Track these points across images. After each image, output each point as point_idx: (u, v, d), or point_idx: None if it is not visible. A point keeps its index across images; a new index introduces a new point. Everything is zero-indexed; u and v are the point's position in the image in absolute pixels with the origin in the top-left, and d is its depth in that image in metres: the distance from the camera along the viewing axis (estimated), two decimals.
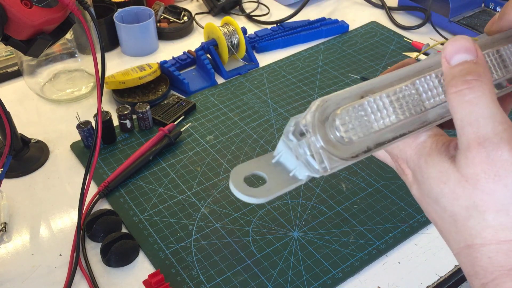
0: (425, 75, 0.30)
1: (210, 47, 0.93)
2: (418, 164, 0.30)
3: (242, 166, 0.30)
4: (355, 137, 0.28)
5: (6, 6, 0.53)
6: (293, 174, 0.30)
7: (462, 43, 0.28)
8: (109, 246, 0.61)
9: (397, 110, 0.29)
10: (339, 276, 0.60)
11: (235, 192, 0.29)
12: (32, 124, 0.83)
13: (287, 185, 0.30)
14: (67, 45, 0.89)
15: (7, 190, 0.70)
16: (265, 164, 0.30)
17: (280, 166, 0.30)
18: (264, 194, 0.29)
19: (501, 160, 0.26)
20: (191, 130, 0.81)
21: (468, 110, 0.27)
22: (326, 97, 0.28)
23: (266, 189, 0.29)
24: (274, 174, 0.30)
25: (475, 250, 0.28)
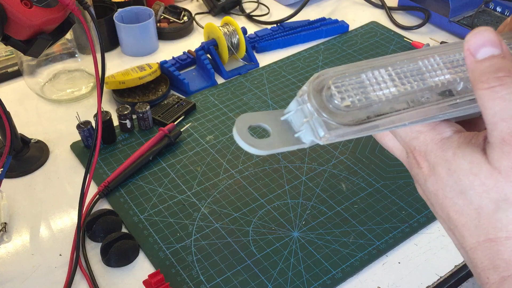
0: (428, 56, 0.30)
1: (210, 47, 0.93)
2: (444, 157, 0.29)
3: (249, 115, 0.30)
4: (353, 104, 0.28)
5: (6, 6, 0.53)
6: (298, 135, 0.30)
7: (487, 35, 0.28)
8: (109, 246, 0.61)
9: (398, 83, 0.29)
10: (339, 276, 0.60)
11: (236, 138, 0.29)
12: (32, 124, 0.83)
13: (289, 144, 0.29)
14: (67, 45, 0.89)
15: (7, 190, 0.70)
16: (273, 119, 0.30)
17: (287, 125, 0.30)
18: (266, 147, 0.29)
19: None
20: (191, 130, 0.81)
21: (501, 106, 0.27)
22: (324, 70, 0.29)
23: (268, 142, 0.29)
24: (279, 131, 0.30)
25: (498, 243, 0.27)
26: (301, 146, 0.29)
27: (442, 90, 0.30)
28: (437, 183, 0.30)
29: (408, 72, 0.30)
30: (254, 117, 0.30)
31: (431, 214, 0.67)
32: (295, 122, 0.30)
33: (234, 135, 0.29)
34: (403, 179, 0.72)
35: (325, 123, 0.28)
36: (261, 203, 0.69)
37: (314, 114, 0.28)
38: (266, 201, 0.69)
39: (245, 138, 0.29)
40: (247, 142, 0.29)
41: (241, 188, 0.71)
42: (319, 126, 0.28)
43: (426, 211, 0.67)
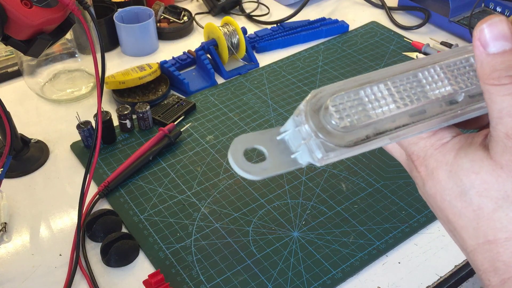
0: (428, 67, 0.30)
1: (210, 47, 0.93)
2: (444, 160, 0.29)
3: (245, 137, 0.29)
4: (351, 124, 0.28)
5: (6, 6, 0.53)
6: (295, 157, 0.29)
7: (501, 27, 0.27)
8: (109, 246, 0.61)
9: (397, 99, 0.29)
10: (339, 276, 0.60)
11: (231, 163, 0.29)
12: (32, 124, 0.83)
13: (285, 167, 0.29)
14: (67, 45, 0.89)
15: (7, 190, 0.70)
16: (269, 139, 0.29)
17: (283, 145, 0.29)
18: (260, 173, 0.28)
19: None
20: (191, 130, 0.81)
21: (509, 102, 0.26)
22: (322, 88, 0.28)
23: (263, 167, 0.29)
24: (275, 152, 0.29)
25: (497, 244, 0.27)
26: (297, 167, 0.29)
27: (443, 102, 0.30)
28: (435, 187, 0.30)
29: (408, 85, 0.29)
30: (249, 139, 0.29)
31: (431, 214, 0.67)
32: (291, 142, 0.29)
33: (229, 160, 0.29)
34: (403, 179, 0.72)
35: (323, 144, 0.27)
36: (261, 203, 0.69)
37: (312, 136, 0.27)
38: (266, 201, 0.69)
39: (239, 164, 0.28)
40: (242, 168, 0.28)
41: (241, 188, 0.71)
42: (316, 148, 0.27)
43: (426, 211, 0.67)
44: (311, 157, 0.28)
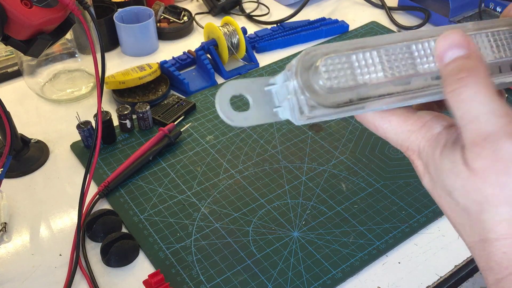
0: (423, 40, 0.30)
1: (210, 47, 0.93)
2: (433, 156, 0.29)
3: (235, 83, 0.30)
4: (337, 86, 0.28)
5: (6, 6, 0.53)
6: (276, 110, 0.30)
7: (453, 37, 0.28)
8: (109, 246, 0.61)
9: (386, 68, 0.29)
10: (339, 276, 0.60)
11: (217, 108, 0.30)
12: (32, 124, 0.83)
13: (266, 119, 0.30)
14: (67, 45, 0.89)
15: (7, 190, 0.70)
16: (257, 88, 0.30)
17: (269, 96, 0.30)
18: (241, 121, 0.30)
19: (508, 153, 0.25)
20: (191, 130, 0.81)
21: (466, 108, 0.26)
22: (317, 46, 0.29)
23: (245, 116, 0.30)
24: (259, 103, 0.30)
25: (489, 244, 0.27)
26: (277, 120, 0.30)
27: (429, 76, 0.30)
28: (431, 182, 0.30)
29: (399, 56, 0.29)
30: (238, 85, 0.30)
31: (431, 214, 0.67)
32: (277, 96, 0.30)
33: (216, 104, 0.30)
34: (403, 179, 0.72)
35: (307, 102, 0.28)
36: (261, 203, 0.69)
37: (297, 92, 0.28)
38: (266, 201, 0.69)
39: (224, 110, 0.29)
40: (225, 114, 0.29)
41: (241, 188, 0.71)
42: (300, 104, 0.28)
43: (426, 211, 0.67)
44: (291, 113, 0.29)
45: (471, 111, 0.26)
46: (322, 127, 0.82)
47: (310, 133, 0.80)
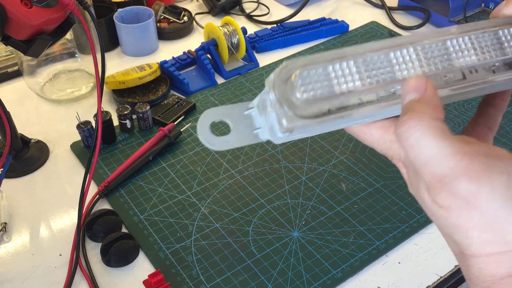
0: (402, 47, 0.30)
1: (210, 47, 0.93)
2: (407, 168, 0.30)
3: (214, 110, 0.31)
4: (314, 97, 0.28)
5: (6, 6, 0.53)
6: (257, 132, 0.31)
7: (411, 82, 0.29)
8: (109, 246, 0.61)
9: (364, 76, 0.29)
10: (339, 276, 0.60)
11: (198, 134, 0.31)
12: (32, 124, 0.83)
13: (247, 141, 0.31)
14: (67, 45, 0.89)
15: (7, 190, 0.70)
16: (237, 113, 0.31)
17: (249, 120, 0.31)
18: (222, 145, 0.31)
19: (465, 191, 0.26)
20: (191, 130, 0.81)
21: (414, 154, 0.27)
22: (294, 59, 0.29)
23: (225, 140, 0.31)
24: (239, 126, 0.31)
25: (467, 258, 0.28)
26: (258, 141, 0.31)
27: None
28: (413, 189, 0.30)
29: (377, 65, 0.30)
30: (218, 112, 0.31)
31: None
32: (256, 118, 0.31)
33: (197, 131, 0.31)
34: (403, 179, 0.71)
35: (286, 114, 0.28)
36: (261, 203, 0.69)
37: (276, 105, 0.28)
38: (266, 201, 0.69)
39: (204, 135, 0.30)
40: (206, 139, 0.30)
41: (241, 188, 0.71)
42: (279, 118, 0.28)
43: None
44: (270, 132, 0.29)
45: (420, 155, 0.27)
46: None
47: None
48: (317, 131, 0.29)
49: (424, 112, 0.27)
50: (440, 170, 0.26)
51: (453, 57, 0.31)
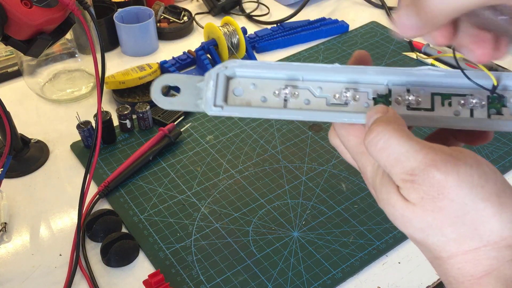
0: None
1: (210, 47, 0.93)
2: (375, 182, 0.31)
3: (172, 75, 0.35)
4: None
5: (6, 6, 0.53)
6: (199, 102, 0.34)
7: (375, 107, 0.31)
8: (109, 246, 0.61)
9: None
10: (339, 276, 0.60)
11: (151, 91, 0.35)
12: (32, 124, 0.83)
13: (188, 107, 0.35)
14: (67, 45, 0.89)
15: (7, 190, 0.70)
16: (190, 83, 0.35)
17: (197, 91, 0.35)
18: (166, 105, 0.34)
19: (436, 181, 0.27)
20: (191, 130, 0.81)
21: (384, 155, 0.29)
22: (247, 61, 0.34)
23: (170, 101, 0.35)
24: (187, 93, 0.35)
25: (444, 262, 0.28)
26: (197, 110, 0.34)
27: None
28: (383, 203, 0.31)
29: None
30: (174, 77, 0.35)
31: None
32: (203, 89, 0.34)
33: (150, 88, 0.35)
34: None
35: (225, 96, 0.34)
36: (261, 203, 0.69)
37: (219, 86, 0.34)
38: (266, 201, 0.69)
39: (154, 93, 0.34)
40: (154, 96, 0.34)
41: (241, 188, 0.71)
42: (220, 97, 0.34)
43: None
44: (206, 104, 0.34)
45: (390, 155, 0.28)
46: (322, 127, 0.82)
47: (310, 133, 0.80)
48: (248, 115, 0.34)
49: (389, 120, 0.29)
50: (409, 164, 0.27)
51: None
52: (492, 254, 0.27)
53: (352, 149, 0.33)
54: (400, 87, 0.33)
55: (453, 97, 0.33)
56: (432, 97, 0.33)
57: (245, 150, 0.77)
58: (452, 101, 0.33)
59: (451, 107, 0.33)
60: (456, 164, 0.27)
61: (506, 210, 0.27)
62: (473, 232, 0.27)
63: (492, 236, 0.27)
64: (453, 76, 0.33)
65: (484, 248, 0.27)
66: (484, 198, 0.27)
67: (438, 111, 0.33)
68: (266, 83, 0.34)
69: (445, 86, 0.33)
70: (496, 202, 0.27)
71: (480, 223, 0.27)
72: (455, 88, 0.33)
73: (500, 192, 0.27)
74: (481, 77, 0.33)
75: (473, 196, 0.27)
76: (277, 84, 0.34)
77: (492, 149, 0.77)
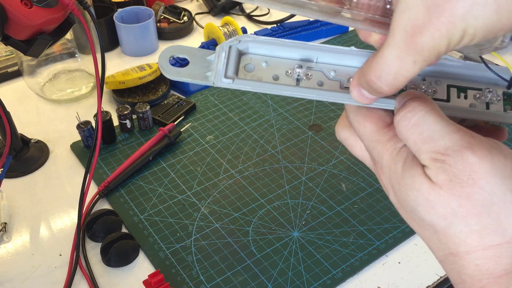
0: None
1: (210, 47, 0.93)
2: (395, 169, 0.29)
3: (182, 47, 0.34)
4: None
5: (6, 6, 0.53)
6: (208, 74, 0.33)
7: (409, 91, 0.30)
8: (109, 246, 0.61)
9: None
10: (339, 276, 0.60)
11: (158, 59, 0.33)
12: (32, 124, 0.83)
13: (196, 78, 0.33)
14: (67, 45, 0.89)
15: (7, 190, 0.70)
16: (199, 55, 0.34)
17: (207, 64, 0.33)
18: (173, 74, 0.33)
19: (469, 164, 0.26)
20: (191, 130, 0.81)
21: (417, 131, 0.27)
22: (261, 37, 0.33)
23: (177, 71, 0.33)
24: (196, 65, 0.33)
25: (460, 258, 0.27)
26: (205, 83, 0.33)
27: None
28: (396, 197, 0.30)
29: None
30: (183, 49, 0.34)
31: None
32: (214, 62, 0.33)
33: (159, 57, 0.34)
34: None
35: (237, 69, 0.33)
36: (261, 203, 0.69)
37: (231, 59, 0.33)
38: (266, 201, 0.69)
39: (163, 62, 0.33)
40: (161, 64, 0.33)
41: (241, 188, 0.71)
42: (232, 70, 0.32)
43: None
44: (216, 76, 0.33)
45: (424, 132, 0.27)
46: (322, 127, 0.82)
47: (310, 133, 0.80)
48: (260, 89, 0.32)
49: (425, 98, 0.28)
50: (443, 143, 0.26)
51: None
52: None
53: (368, 136, 0.31)
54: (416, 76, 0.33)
55: (469, 90, 0.33)
56: (448, 89, 0.32)
57: (245, 150, 0.77)
58: (468, 94, 0.32)
59: (466, 99, 0.32)
60: (491, 152, 0.26)
61: None
62: (497, 226, 0.26)
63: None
64: (470, 68, 0.33)
65: (507, 245, 0.26)
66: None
67: (454, 102, 0.32)
68: (279, 61, 0.33)
69: (461, 78, 0.33)
70: None
71: (506, 216, 0.25)
72: (471, 82, 0.33)
73: None
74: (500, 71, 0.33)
75: (503, 187, 0.25)
76: (290, 64, 0.33)
77: None
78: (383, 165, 0.30)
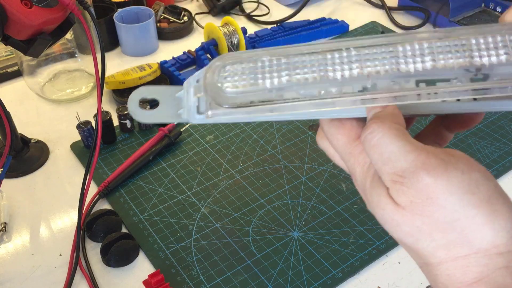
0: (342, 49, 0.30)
1: (210, 47, 0.93)
2: (364, 185, 0.30)
3: (149, 88, 0.33)
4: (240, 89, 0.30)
5: (6, 6, 0.53)
6: (180, 112, 0.32)
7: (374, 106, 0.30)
8: (109, 246, 0.61)
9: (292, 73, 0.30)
10: (339, 276, 0.60)
11: (128, 105, 0.33)
12: (32, 124, 0.83)
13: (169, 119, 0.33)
14: (67, 45, 0.89)
15: (7, 190, 0.70)
16: (168, 94, 0.33)
17: (177, 101, 0.33)
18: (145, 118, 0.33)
19: (425, 185, 0.26)
20: (191, 130, 0.81)
21: (377, 152, 0.28)
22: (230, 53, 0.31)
23: (149, 114, 0.33)
24: (166, 105, 0.33)
25: (434, 268, 0.28)
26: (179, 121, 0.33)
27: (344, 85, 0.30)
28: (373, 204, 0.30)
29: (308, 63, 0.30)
30: (152, 90, 0.33)
31: None
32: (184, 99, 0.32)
33: (128, 102, 0.33)
34: None
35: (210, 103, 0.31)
36: (261, 203, 0.69)
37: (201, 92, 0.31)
38: (266, 201, 0.69)
39: (131, 107, 0.32)
40: (132, 110, 0.32)
41: (241, 188, 0.71)
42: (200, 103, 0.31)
43: None
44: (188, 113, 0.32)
45: (382, 153, 0.28)
46: None
47: (310, 133, 0.80)
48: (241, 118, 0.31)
49: (386, 118, 0.29)
50: (400, 165, 0.27)
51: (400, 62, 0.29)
52: (483, 262, 0.26)
53: (341, 148, 0.31)
54: None
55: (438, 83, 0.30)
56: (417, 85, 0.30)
57: (245, 150, 0.77)
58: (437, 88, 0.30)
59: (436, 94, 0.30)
60: (447, 169, 0.26)
61: (499, 217, 0.26)
62: (463, 239, 0.26)
63: (483, 244, 0.26)
64: None
65: (474, 255, 0.26)
66: (476, 205, 0.26)
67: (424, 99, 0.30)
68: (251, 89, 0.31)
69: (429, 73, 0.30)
70: (488, 209, 0.26)
71: (470, 230, 0.26)
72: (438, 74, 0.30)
73: (493, 199, 0.26)
74: None
75: (463, 202, 0.26)
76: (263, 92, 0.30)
77: (492, 149, 0.77)
78: (356, 178, 0.31)
